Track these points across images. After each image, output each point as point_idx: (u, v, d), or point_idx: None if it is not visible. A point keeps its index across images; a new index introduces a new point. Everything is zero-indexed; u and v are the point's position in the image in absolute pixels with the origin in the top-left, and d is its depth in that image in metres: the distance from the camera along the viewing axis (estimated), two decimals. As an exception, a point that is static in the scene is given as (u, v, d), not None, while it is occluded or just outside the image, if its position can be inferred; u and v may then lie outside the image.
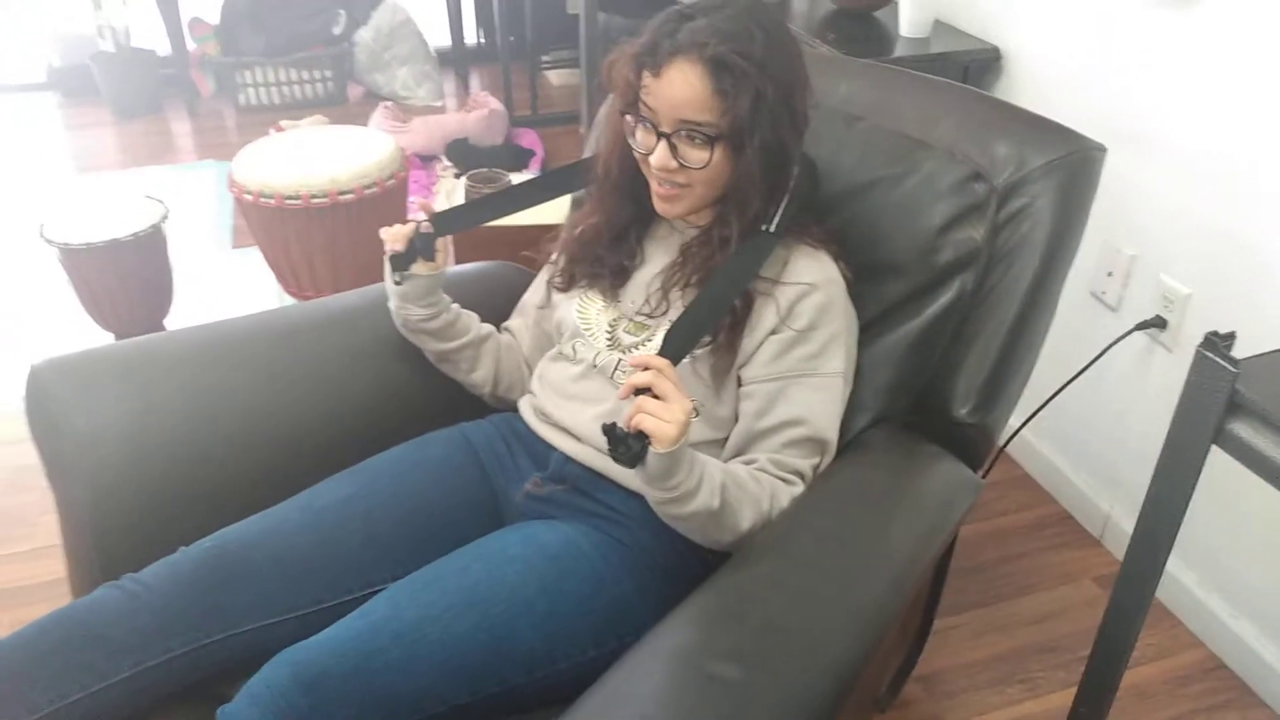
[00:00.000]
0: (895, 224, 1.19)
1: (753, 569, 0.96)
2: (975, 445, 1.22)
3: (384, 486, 1.11)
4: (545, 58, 4.14)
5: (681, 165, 1.04)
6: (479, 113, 3.28)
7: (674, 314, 1.11)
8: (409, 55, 3.87)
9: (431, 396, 1.27)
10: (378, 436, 1.21)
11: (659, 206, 1.10)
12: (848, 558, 0.97)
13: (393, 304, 1.23)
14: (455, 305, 1.26)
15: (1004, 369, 1.19)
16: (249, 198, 1.90)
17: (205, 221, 2.95)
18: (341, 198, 1.90)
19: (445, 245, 1.23)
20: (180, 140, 3.60)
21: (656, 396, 0.91)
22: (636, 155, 1.09)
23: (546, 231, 1.36)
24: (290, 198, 1.87)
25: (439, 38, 4.08)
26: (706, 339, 1.07)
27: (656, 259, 1.17)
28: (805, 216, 1.13)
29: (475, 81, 4.15)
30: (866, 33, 2.04)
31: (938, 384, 1.21)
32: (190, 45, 3.77)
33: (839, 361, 1.09)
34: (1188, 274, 1.57)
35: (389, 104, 3.45)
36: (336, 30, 3.83)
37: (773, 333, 1.07)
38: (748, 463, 1.07)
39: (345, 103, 3.90)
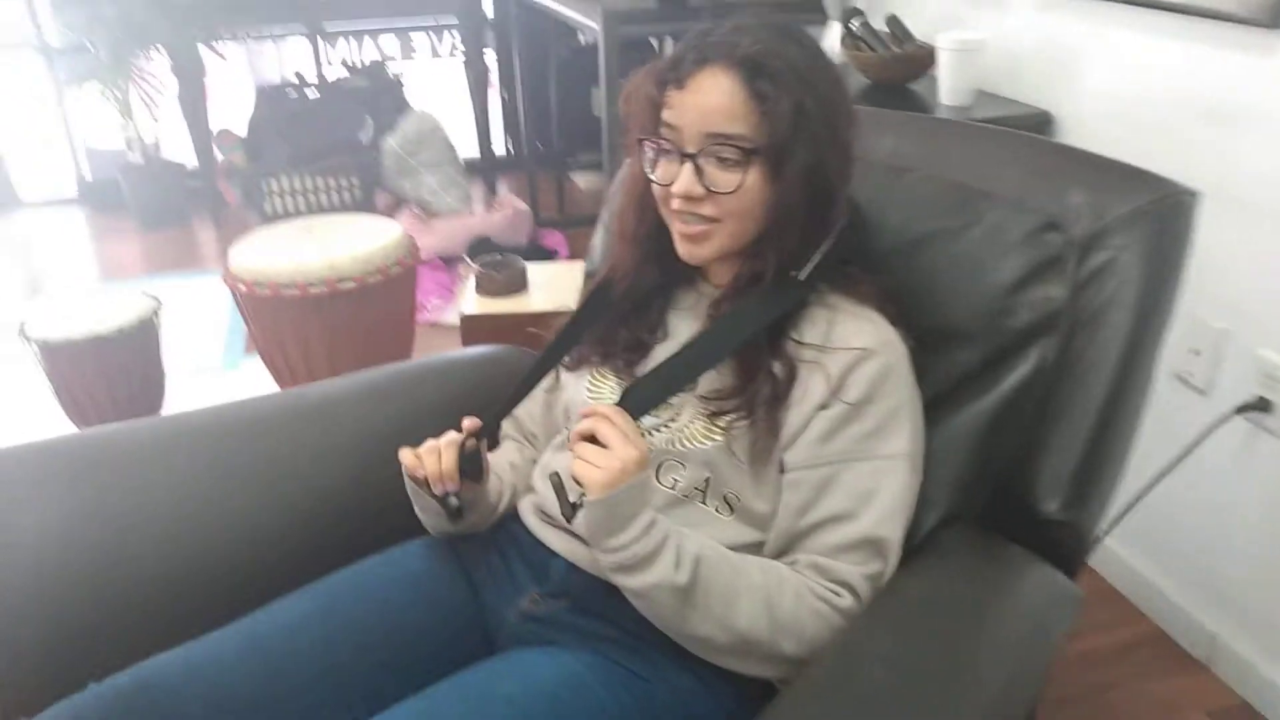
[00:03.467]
0: (957, 283, 1.02)
1: (805, 708, 0.75)
2: (1066, 548, 1.01)
3: (347, 607, 0.93)
4: (572, 160, 4.11)
5: (709, 191, 0.88)
6: (503, 212, 3.21)
7: (703, 388, 0.93)
8: (437, 161, 3.84)
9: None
10: (349, 547, 1.03)
11: (682, 250, 0.94)
12: (926, 693, 0.75)
13: (431, 525, 1.03)
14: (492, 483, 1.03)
15: (1097, 454, 0.99)
16: (243, 288, 1.77)
17: (218, 328, 2.87)
18: (341, 286, 1.76)
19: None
20: (204, 248, 3.58)
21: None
22: (657, 194, 0.93)
23: (558, 316, 1.21)
24: (286, 286, 1.74)
25: (467, 149, 4.06)
26: (743, 414, 0.89)
27: (681, 331, 1.00)
28: (853, 270, 0.96)
29: (503, 188, 4.12)
30: (903, 106, 1.91)
31: (1019, 474, 1.01)
32: (218, 156, 3.78)
33: (902, 440, 0.90)
34: (1295, 347, 1.37)
35: (415, 209, 3.39)
36: (364, 138, 3.82)
37: (822, 407, 0.89)
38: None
39: (373, 210, 3.87)
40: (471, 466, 0.95)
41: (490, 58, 4.17)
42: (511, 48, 4.10)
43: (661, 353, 1.00)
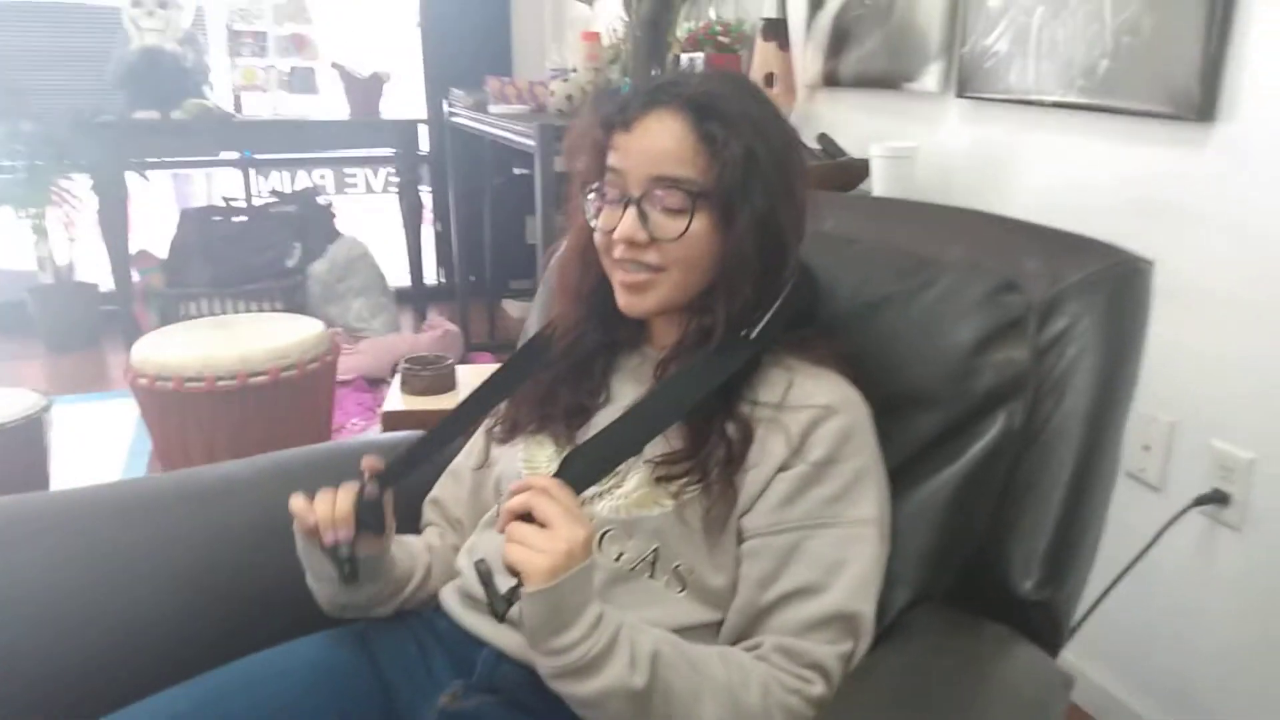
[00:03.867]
0: (915, 346, 0.97)
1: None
2: (1043, 631, 0.92)
3: (233, 705, 0.79)
4: (504, 289, 4.10)
5: (653, 238, 0.82)
6: (432, 333, 3.13)
7: (650, 452, 0.84)
8: (364, 287, 3.78)
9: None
10: (243, 641, 0.88)
11: (623, 301, 0.87)
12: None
13: (324, 594, 0.90)
14: (395, 551, 0.91)
15: (1070, 528, 0.93)
16: (144, 381, 1.63)
17: (118, 449, 2.68)
18: (252, 380, 1.64)
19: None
20: (113, 371, 3.40)
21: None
22: (599, 243, 0.87)
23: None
24: (191, 379, 1.61)
25: (399, 279, 4.01)
26: (695, 479, 0.80)
27: (625, 395, 0.92)
28: (807, 331, 0.90)
29: (433, 312, 4.06)
30: (838, 214, 1.93)
31: (990, 549, 0.93)
32: (135, 278, 3.65)
33: (870, 505, 0.82)
34: (1247, 435, 1.35)
35: (339, 331, 3.30)
36: (290, 263, 3.75)
37: (783, 469, 0.81)
38: (748, 650, 0.78)
39: (295, 335, 3.75)
40: (371, 516, 0.83)
41: (424, 190, 4.19)
42: (446, 180, 4.14)
43: (603, 419, 0.91)
